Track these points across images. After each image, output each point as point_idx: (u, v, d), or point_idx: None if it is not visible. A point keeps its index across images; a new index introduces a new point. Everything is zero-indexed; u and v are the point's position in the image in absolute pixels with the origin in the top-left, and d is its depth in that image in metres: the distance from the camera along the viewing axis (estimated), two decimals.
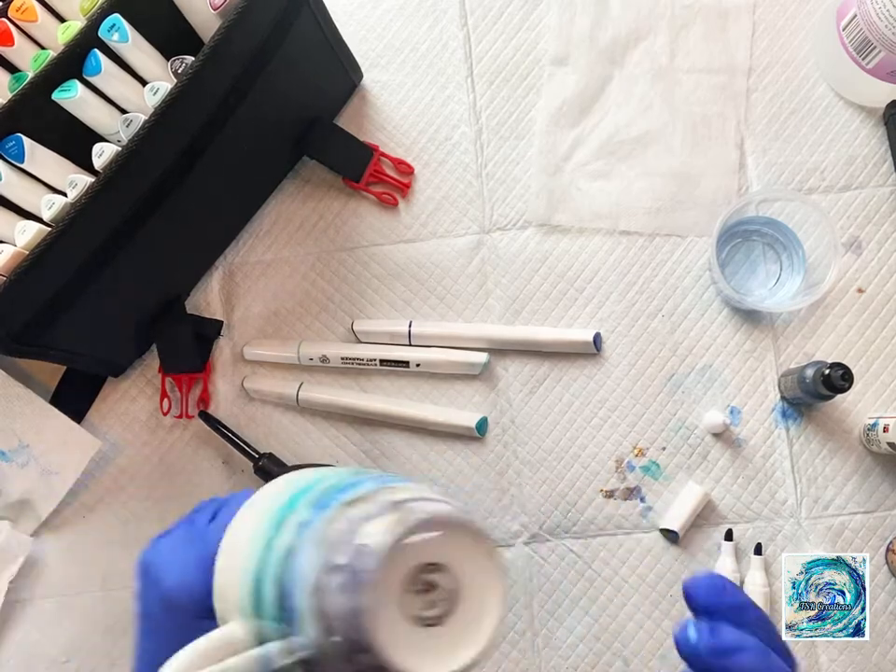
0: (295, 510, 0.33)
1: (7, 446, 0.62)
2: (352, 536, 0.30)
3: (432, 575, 0.31)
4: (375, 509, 0.31)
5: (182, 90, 0.48)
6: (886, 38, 0.56)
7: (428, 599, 0.31)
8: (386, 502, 0.31)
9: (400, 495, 0.32)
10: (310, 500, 0.33)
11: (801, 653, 0.58)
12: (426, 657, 0.31)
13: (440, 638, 0.32)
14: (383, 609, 0.30)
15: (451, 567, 0.32)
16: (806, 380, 0.55)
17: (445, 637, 0.32)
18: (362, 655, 0.30)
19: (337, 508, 0.31)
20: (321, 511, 0.32)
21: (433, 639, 0.31)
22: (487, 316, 0.64)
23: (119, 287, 0.55)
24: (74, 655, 0.62)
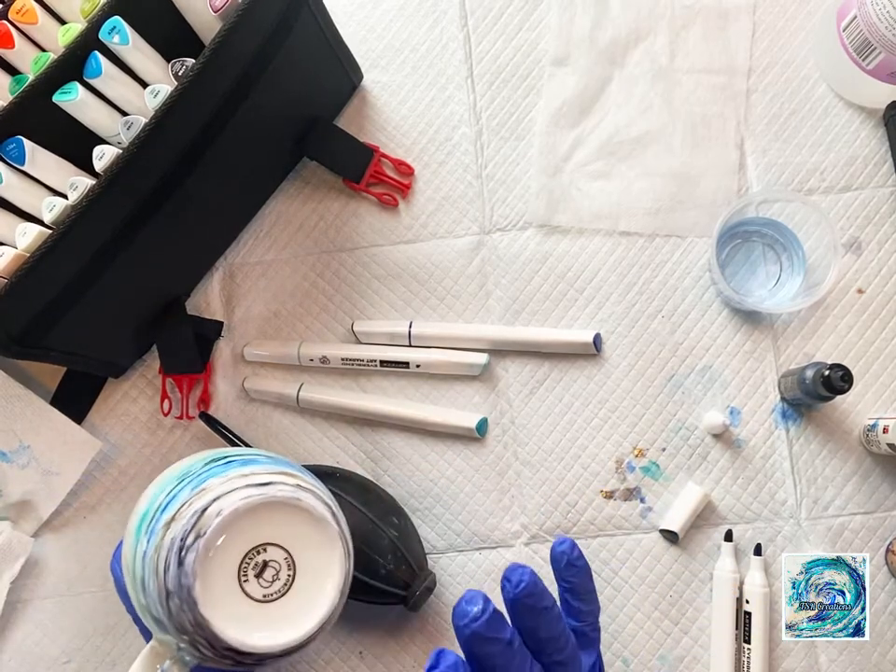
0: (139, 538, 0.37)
1: (8, 447, 0.62)
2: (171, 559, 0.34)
3: (266, 556, 0.35)
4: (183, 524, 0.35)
5: (183, 92, 0.48)
6: (886, 39, 0.56)
7: (265, 578, 0.35)
8: (191, 513, 0.35)
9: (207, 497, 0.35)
10: (146, 528, 0.37)
11: (801, 653, 0.58)
12: (254, 632, 0.34)
13: (274, 615, 0.35)
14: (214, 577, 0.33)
15: (284, 546, 0.35)
16: (806, 381, 0.55)
17: (279, 615, 0.35)
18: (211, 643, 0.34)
19: (160, 533, 0.35)
20: (152, 537, 0.36)
21: (268, 615, 0.35)
22: (487, 317, 0.64)
23: (119, 288, 0.55)
24: (75, 655, 0.62)
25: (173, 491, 0.37)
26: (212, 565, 0.33)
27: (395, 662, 0.60)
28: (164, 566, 0.34)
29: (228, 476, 0.37)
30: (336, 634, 0.60)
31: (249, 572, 0.35)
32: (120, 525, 0.62)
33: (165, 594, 0.34)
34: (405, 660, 0.60)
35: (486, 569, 0.61)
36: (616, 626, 0.59)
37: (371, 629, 0.60)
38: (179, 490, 0.37)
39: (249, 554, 0.35)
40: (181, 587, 0.34)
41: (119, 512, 0.63)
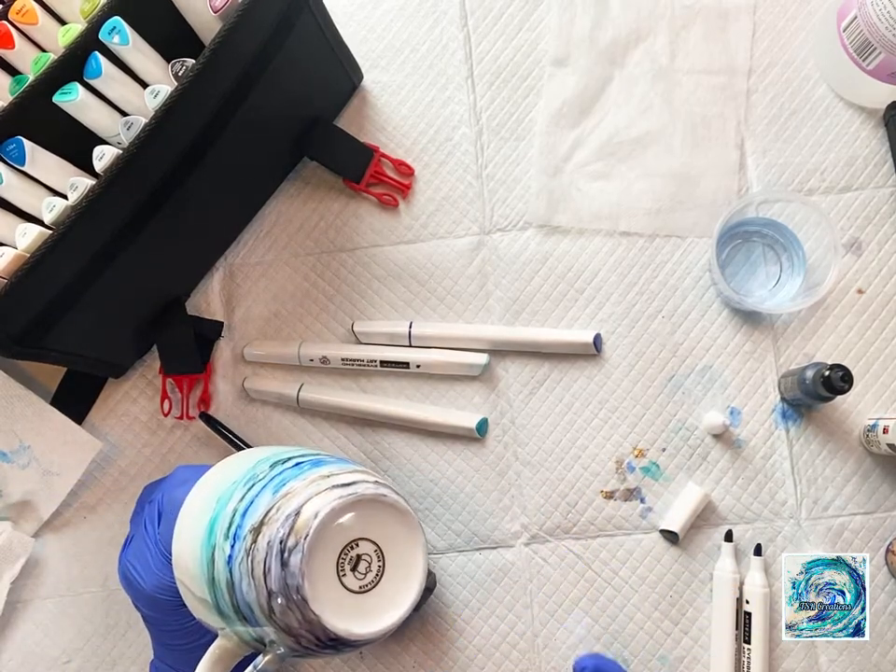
0: (215, 537, 0.39)
1: (9, 447, 0.62)
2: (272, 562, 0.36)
3: (358, 550, 0.38)
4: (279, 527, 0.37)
5: (183, 92, 0.48)
6: (886, 40, 0.56)
7: (360, 571, 0.37)
8: (284, 517, 0.37)
9: (296, 500, 0.38)
10: (223, 530, 0.39)
11: (801, 653, 0.58)
12: (352, 619, 0.37)
13: (371, 604, 0.38)
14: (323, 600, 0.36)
15: (380, 543, 0.38)
16: (806, 381, 0.55)
17: (375, 603, 0.38)
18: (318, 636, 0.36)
19: (248, 538, 0.38)
20: (237, 541, 0.38)
21: (366, 605, 0.38)
22: (487, 317, 0.64)
23: (119, 288, 0.55)
24: (75, 655, 0.62)
25: (247, 496, 0.40)
26: (314, 563, 0.36)
27: (395, 662, 0.60)
28: (264, 568, 0.36)
29: (308, 478, 0.40)
30: None
31: (346, 567, 0.37)
32: (121, 524, 0.63)
33: (267, 594, 0.36)
34: (405, 660, 0.60)
35: (486, 569, 0.61)
36: (616, 626, 0.59)
37: None
38: (256, 495, 0.39)
39: (344, 550, 0.37)
40: (287, 587, 0.36)
41: (120, 512, 0.63)
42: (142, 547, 0.50)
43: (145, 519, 0.51)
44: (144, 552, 0.50)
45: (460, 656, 0.60)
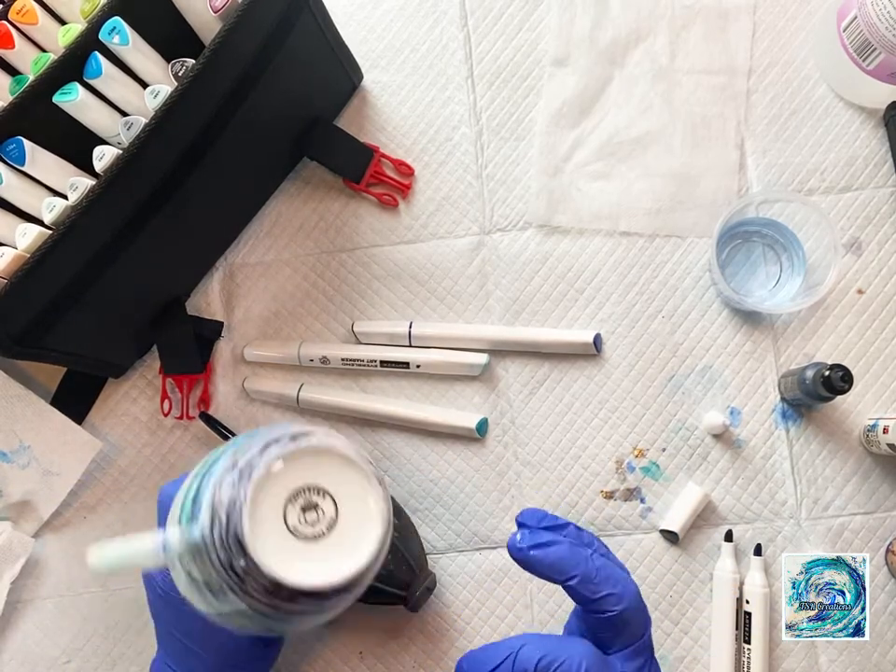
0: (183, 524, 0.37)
1: (8, 447, 0.62)
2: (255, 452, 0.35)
3: (308, 497, 0.36)
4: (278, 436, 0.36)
5: (183, 92, 0.48)
6: (886, 40, 0.56)
7: (311, 518, 0.36)
8: (288, 433, 0.36)
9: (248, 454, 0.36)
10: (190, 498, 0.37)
11: (801, 653, 0.58)
12: (296, 566, 0.34)
13: (316, 554, 0.35)
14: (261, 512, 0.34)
15: (332, 492, 0.36)
16: (806, 381, 0.55)
17: (321, 554, 0.35)
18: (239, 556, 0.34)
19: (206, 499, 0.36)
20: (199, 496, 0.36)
21: (309, 553, 0.35)
22: (487, 317, 0.64)
23: (119, 288, 0.55)
24: (75, 656, 0.62)
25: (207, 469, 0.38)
26: (257, 508, 0.34)
27: (395, 662, 0.60)
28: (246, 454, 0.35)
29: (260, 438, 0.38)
30: (336, 634, 0.60)
31: (294, 513, 0.36)
32: (121, 524, 0.63)
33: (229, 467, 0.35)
34: (405, 660, 0.60)
35: (486, 570, 0.61)
36: None
37: (371, 629, 0.60)
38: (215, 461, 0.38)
39: (291, 497, 0.36)
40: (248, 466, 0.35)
41: (120, 512, 0.63)
42: None
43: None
44: None
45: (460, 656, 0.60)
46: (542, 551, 0.40)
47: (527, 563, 0.41)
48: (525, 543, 0.41)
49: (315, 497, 0.36)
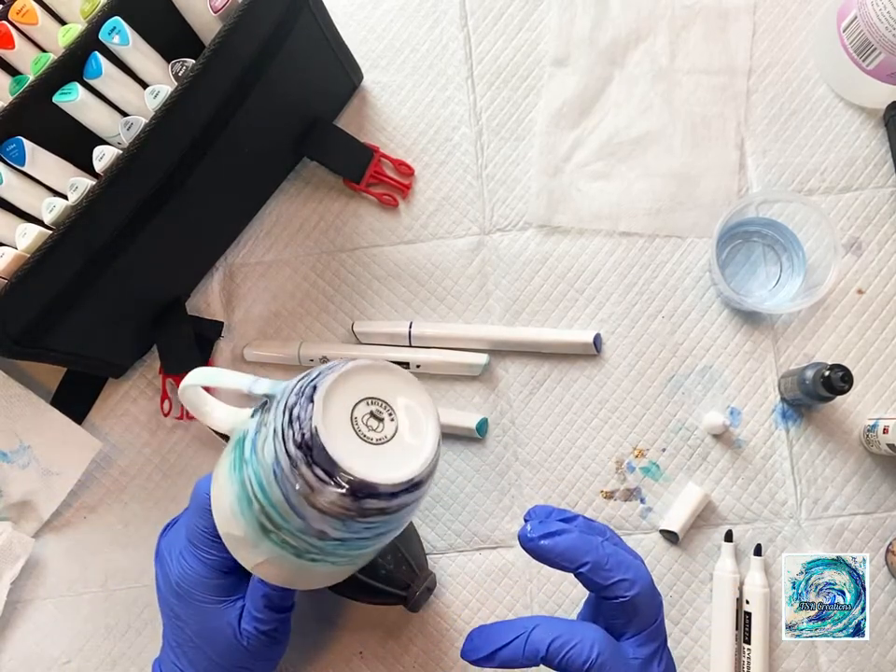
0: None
1: (8, 447, 0.62)
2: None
3: (371, 407, 0.40)
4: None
5: (183, 93, 0.48)
6: (886, 40, 0.56)
7: (374, 424, 0.40)
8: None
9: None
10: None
11: (801, 653, 0.58)
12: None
13: (390, 453, 0.39)
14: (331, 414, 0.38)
15: (392, 403, 0.40)
16: (806, 381, 0.55)
17: (386, 456, 0.39)
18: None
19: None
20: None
21: (375, 455, 0.39)
22: (487, 318, 0.64)
23: (119, 288, 0.55)
24: (75, 656, 0.62)
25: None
26: (329, 417, 0.38)
27: (395, 662, 0.60)
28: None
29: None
30: (336, 634, 0.60)
31: (360, 421, 0.39)
32: (121, 524, 0.63)
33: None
34: (405, 660, 0.60)
35: (486, 570, 0.61)
36: None
37: (371, 629, 0.60)
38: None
39: (357, 406, 0.39)
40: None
41: (120, 512, 0.63)
42: (175, 537, 0.51)
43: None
44: (177, 536, 0.51)
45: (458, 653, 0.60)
46: (553, 539, 0.41)
47: (539, 552, 0.42)
48: (536, 533, 0.41)
49: (377, 406, 0.40)
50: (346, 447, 0.38)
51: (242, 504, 0.41)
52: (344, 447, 0.38)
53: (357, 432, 0.39)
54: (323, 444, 0.37)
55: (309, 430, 0.37)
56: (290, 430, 0.38)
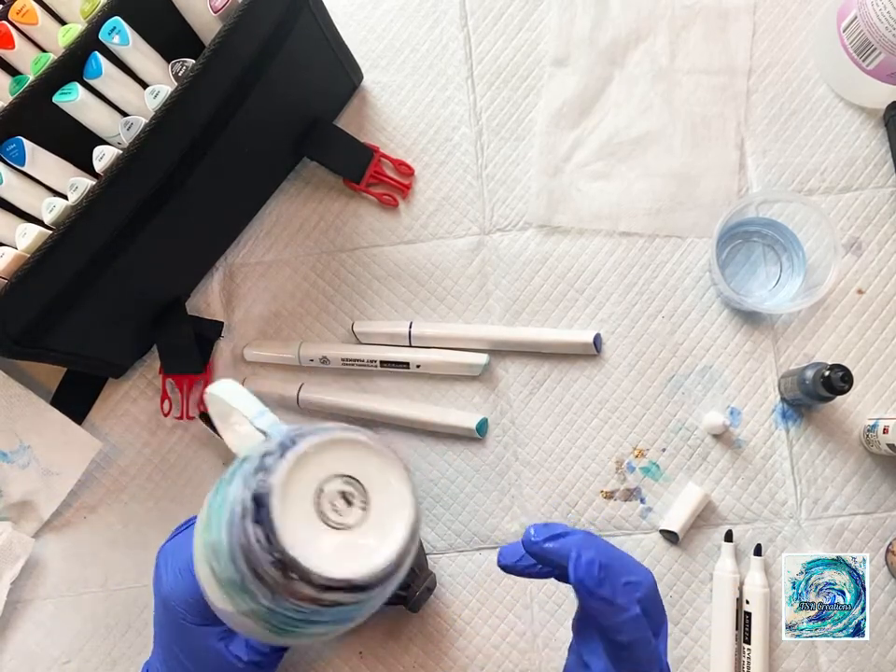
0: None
1: (9, 447, 0.62)
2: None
3: (336, 486, 0.35)
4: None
5: (183, 93, 0.48)
6: (886, 40, 0.56)
7: (338, 508, 0.35)
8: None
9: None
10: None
11: (801, 653, 0.58)
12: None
13: (347, 542, 0.35)
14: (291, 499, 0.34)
15: (362, 481, 0.36)
16: (806, 381, 0.55)
17: (340, 544, 0.35)
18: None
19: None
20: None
21: (330, 539, 0.34)
22: (487, 318, 0.64)
23: (119, 288, 0.55)
24: (75, 656, 0.62)
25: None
26: (288, 500, 0.34)
27: (395, 662, 0.60)
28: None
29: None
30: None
31: (326, 497, 0.35)
32: (121, 524, 0.63)
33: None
34: (405, 660, 0.60)
35: (486, 570, 0.61)
36: None
37: (371, 629, 0.60)
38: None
39: (332, 481, 0.35)
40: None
41: (120, 512, 0.63)
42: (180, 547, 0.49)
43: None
44: (174, 551, 0.49)
45: (460, 656, 0.60)
46: (557, 542, 0.40)
47: (544, 555, 0.41)
48: (540, 536, 0.41)
49: (352, 487, 0.36)
50: (297, 520, 0.34)
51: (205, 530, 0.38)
52: (295, 519, 0.34)
53: (317, 507, 0.35)
54: (271, 506, 0.33)
55: (266, 486, 0.34)
56: (254, 478, 0.35)
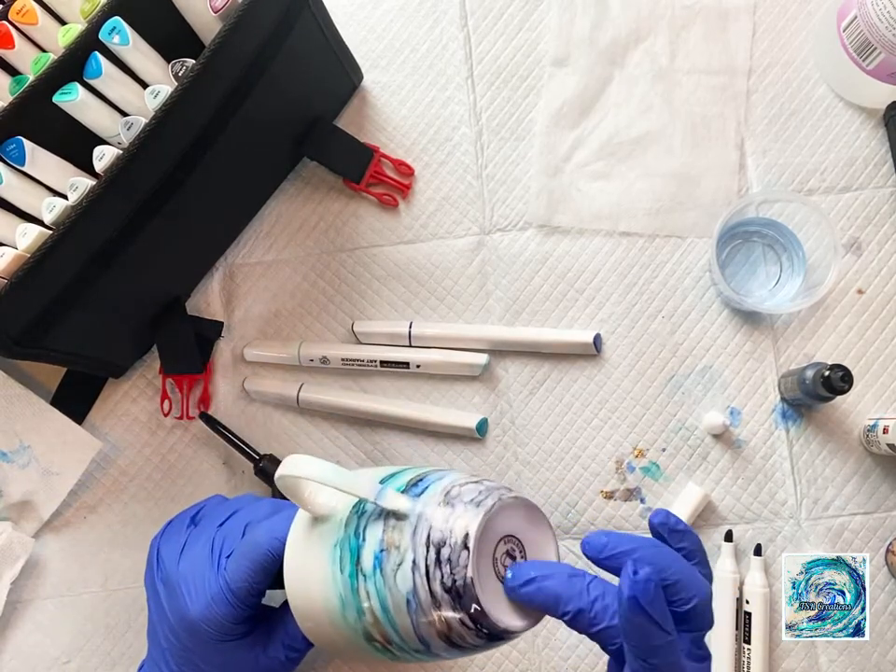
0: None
1: (8, 447, 0.62)
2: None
3: (505, 546, 0.38)
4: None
5: (183, 93, 0.48)
6: (886, 40, 0.56)
7: (508, 563, 0.38)
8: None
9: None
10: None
11: (801, 653, 0.58)
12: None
13: None
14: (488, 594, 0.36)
15: (520, 538, 0.39)
16: (806, 381, 0.55)
17: None
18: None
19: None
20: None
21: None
22: (487, 318, 0.64)
23: (119, 288, 0.55)
24: (75, 656, 0.62)
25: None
26: (479, 563, 0.36)
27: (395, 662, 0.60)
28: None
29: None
30: None
31: (499, 562, 0.38)
32: (121, 524, 0.63)
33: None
34: None
35: None
36: None
37: None
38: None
39: (498, 546, 0.38)
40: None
41: (120, 512, 0.63)
42: (203, 569, 0.48)
43: (213, 539, 0.49)
44: (204, 574, 0.48)
45: None
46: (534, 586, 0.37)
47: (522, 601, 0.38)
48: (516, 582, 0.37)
49: (512, 544, 0.38)
50: (493, 594, 0.37)
51: (347, 609, 0.39)
52: (492, 595, 0.36)
53: (496, 574, 0.37)
54: (477, 597, 0.35)
55: (462, 579, 0.36)
56: (438, 571, 0.36)
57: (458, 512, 0.37)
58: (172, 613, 0.48)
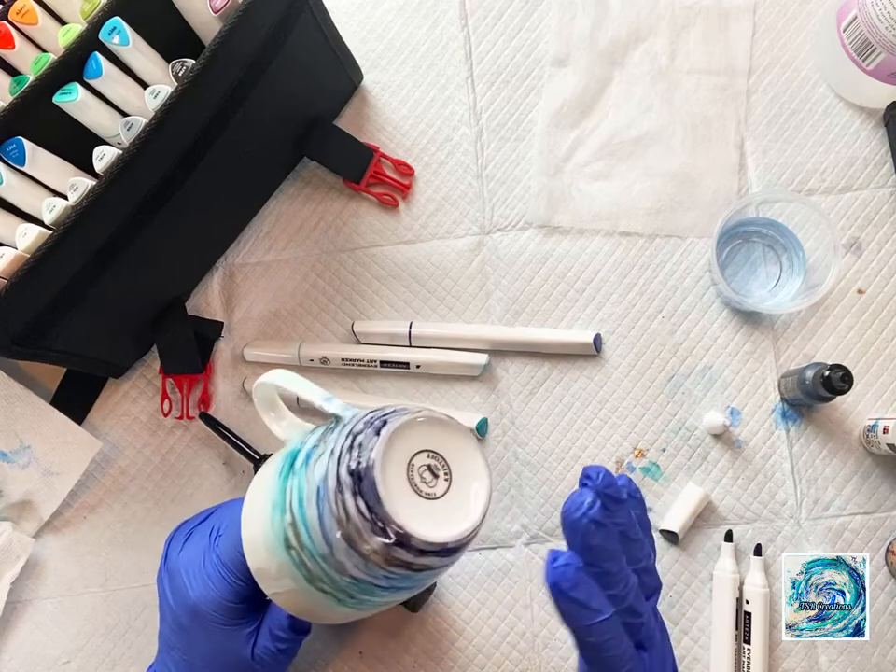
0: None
1: (8, 447, 0.62)
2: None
3: (424, 461, 0.39)
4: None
5: (183, 93, 0.48)
6: (886, 40, 0.56)
7: (427, 480, 0.39)
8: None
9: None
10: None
11: (801, 653, 0.58)
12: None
13: (438, 510, 0.39)
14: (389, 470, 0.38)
15: (444, 455, 0.40)
16: (806, 381, 0.55)
17: (432, 512, 0.39)
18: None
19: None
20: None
21: (432, 509, 0.39)
22: (487, 318, 0.64)
23: (119, 289, 0.55)
24: (75, 656, 0.62)
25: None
26: (387, 474, 0.38)
27: (395, 662, 0.60)
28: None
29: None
30: (336, 634, 0.60)
31: (416, 471, 0.39)
32: (121, 524, 0.63)
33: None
34: (405, 660, 0.60)
35: (486, 570, 0.61)
36: None
37: (371, 629, 0.60)
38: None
39: (418, 455, 0.39)
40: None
41: (120, 512, 0.63)
42: (201, 553, 0.49)
43: (212, 527, 0.51)
44: (198, 558, 0.49)
45: (460, 656, 0.60)
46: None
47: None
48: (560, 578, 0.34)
49: (435, 461, 0.40)
50: (396, 491, 0.38)
51: (275, 511, 0.40)
52: (394, 490, 0.37)
53: (409, 480, 0.38)
54: (374, 478, 0.37)
55: (367, 461, 0.37)
56: (348, 455, 0.38)
57: (384, 413, 0.40)
58: (175, 601, 0.49)
